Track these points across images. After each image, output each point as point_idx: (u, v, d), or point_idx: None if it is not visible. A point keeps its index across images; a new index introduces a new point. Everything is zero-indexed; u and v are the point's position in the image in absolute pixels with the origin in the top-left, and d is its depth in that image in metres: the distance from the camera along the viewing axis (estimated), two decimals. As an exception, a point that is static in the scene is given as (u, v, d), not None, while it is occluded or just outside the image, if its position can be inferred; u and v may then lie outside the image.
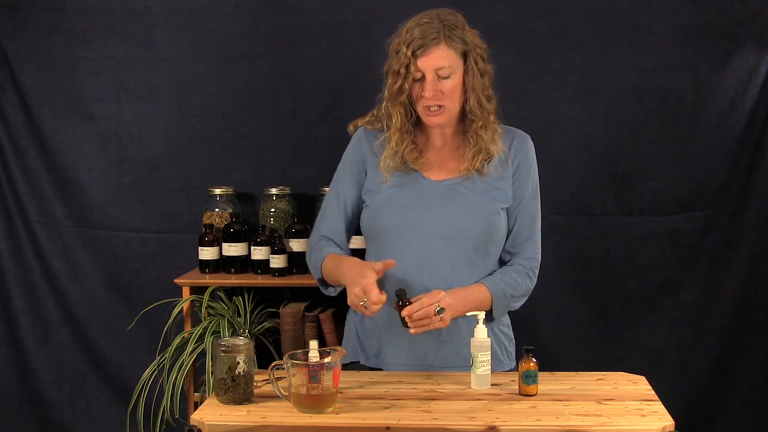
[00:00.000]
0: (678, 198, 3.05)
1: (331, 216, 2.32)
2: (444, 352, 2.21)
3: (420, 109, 2.19)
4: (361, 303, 2.04)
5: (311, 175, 3.11)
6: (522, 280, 2.24)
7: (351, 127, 2.36)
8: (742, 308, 3.07)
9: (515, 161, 2.25)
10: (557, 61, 3.03)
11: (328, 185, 2.99)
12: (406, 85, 2.15)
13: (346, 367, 2.27)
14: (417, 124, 2.25)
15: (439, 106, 2.16)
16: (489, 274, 2.23)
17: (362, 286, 2.04)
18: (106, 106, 3.18)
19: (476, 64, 2.18)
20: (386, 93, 2.21)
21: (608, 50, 3.02)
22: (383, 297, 2.03)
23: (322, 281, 2.31)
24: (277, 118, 3.14)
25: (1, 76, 3.19)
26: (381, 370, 2.25)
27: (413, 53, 2.12)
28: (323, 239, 2.32)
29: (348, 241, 2.35)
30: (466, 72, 2.17)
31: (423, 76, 2.14)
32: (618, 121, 3.04)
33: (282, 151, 3.15)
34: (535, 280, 2.28)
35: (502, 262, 2.29)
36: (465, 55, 2.16)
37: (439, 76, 2.14)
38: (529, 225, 2.26)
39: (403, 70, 2.14)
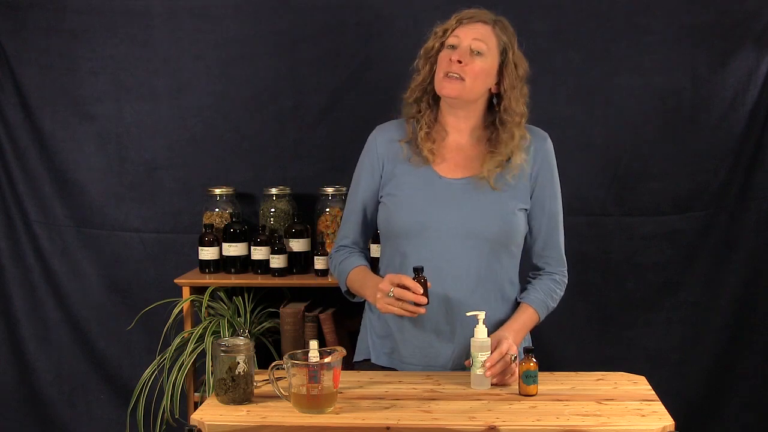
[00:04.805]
0: (678, 198, 3.05)
1: (351, 223, 2.33)
2: (458, 354, 2.21)
3: (439, 77, 2.19)
4: (390, 294, 2.04)
5: (311, 175, 3.11)
6: (558, 288, 2.30)
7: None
8: (742, 308, 3.07)
9: (535, 163, 2.25)
10: (557, 61, 3.03)
11: (328, 185, 3.01)
12: (438, 45, 2.21)
13: (358, 365, 2.28)
14: (436, 120, 2.27)
15: (459, 76, 2.17)
16: (526, 288, 2.28)
17: (391, 279, 2.05)
18: (106, 106, 3.18)
19: (516, 67, 2.22)
20: (421, 52, 2.26)
21: (608, 50, 3.02)
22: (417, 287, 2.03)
23: (348, 292, 2.32)
24: (277, 118, 3.15)
25: (1, 76, 3.19)
26: (392, 369, 2.26)
27: (458, 21, 2.20)
28: (344, 249, 2.33)
29: (367, 243, 2.37)
30: (504, 67, 2.21)
31: (456, 46, 2.18)
32: (618, 121, 3.04)
33: (282, 151, 3.15)
34: (567, 280, 2.34)
35: (533, 266, 2.32)
36: (504, 53, 2.21)
37: (471, 50, 2.17)
38: (555, 227, 2.29)
39: (440, 33, 2.22)
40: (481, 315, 2.07)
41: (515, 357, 2.06)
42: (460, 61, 2.16)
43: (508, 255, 2.23)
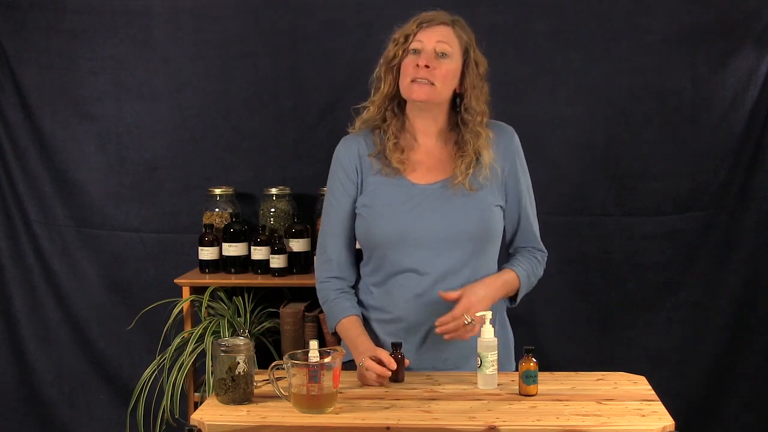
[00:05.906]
0: (678, 198, 3.05)
1: (335, 241, 2.27)
2: (453, 355, 2.21)
3: (406, 84, 2.17)
4: (360, 363, 2.08)
5: (311, 175, 3.11)
6: (538, 266, 2.30)
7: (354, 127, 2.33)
8: (742, 308, 3.07)
9: (505, 160, 2.25)
10: (557, 61, 3.03)
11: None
12: (400, 52, 2.17)
13: (347, 364, 2.27)
14: (403, 128, 2.25)
15: (428, 81, 2.15)
16: (511, 261, 2.29)
17: (372, 353, 2.09)
18: (106, 106, 3.18)
19: (477, 66, 2.20)
20: (381, 60, 2.23)
21: (608, 50, 3.02)
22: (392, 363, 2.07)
23: (336, 333, 2.31)
24: (277, 118, 3.15)
25: (1, 76, 3.20)
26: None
27: (418, 25, 2.17)
28: (329, 283, 2.28)
29: (353, 255, 2.32)
30: (466, 67, 2.18)
31: (420, 50, 2.15)
32: (618, 121, 3.04)
33: (282, 151, 3.15)
34: (546, 262, 2.34)
35: (512, 256, 2.32)
36: (466, 52, 2.19)
37: (436, 53, 2.15)
38: (532, 218, 2.30)
39: (402, 39, 2.18)
40: (488, 315, 2.07)
41: (471, 320, 2.06)
42: (427, 66, 2.14)
43: (488, 251, 2.24)
